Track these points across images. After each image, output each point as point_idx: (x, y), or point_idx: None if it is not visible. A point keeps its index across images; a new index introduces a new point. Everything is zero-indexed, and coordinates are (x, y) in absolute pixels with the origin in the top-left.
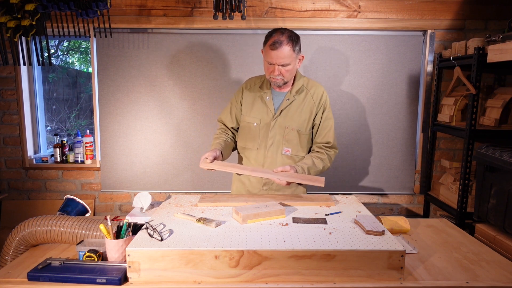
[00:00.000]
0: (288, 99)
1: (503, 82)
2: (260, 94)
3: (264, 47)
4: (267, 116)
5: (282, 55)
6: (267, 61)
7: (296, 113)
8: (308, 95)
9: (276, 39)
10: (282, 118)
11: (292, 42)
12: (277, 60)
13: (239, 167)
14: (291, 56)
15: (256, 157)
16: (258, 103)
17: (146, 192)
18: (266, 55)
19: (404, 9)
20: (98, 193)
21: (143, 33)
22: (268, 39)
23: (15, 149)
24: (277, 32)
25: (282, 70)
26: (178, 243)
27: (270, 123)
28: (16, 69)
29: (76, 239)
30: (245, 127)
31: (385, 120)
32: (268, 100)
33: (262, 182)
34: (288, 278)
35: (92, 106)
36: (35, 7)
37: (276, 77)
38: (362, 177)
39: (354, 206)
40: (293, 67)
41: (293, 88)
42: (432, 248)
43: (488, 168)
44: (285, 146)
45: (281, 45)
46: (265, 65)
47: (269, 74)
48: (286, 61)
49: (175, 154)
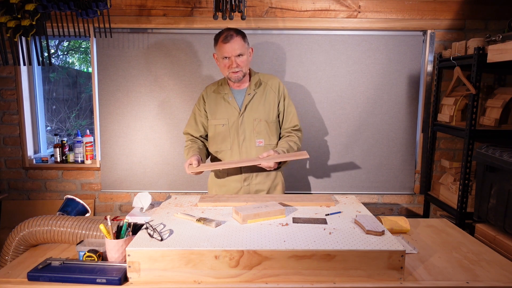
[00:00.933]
0: (249, 94)
1: (503, 82)
2: (221, 95)
3: (216, 46)
4: (233, 115)
5: (236, 46)
6: (222, 57)
7: (260, 104)
8: (267, 86)
9: (226, 34)
10: (248, 112)
11: (241, 34)
12: (233, 51)
13: (227, 163)
14: (243, 46)
15: (232, 156)
16: (221, 104)
17: (146, 192)
18: (221, 51)
19: (404, 9)
20: (98, 193)
21: (143, 33)
22: (218, 38)
23: (15, 149)
24: (224, 30)
25: (238, 61)
26: (178, 243)
27: (238, 120)
28: (16, 69)
29: (76, 239)
30: (214, 131)
31: (385, 120)
32: (231, 100)
33: (243, 179)
34: (288, 278)
35: (92, 106)
36: (35, 7)
37: (235, 70)
38: (362, 177)
39: (354, 206)
40: (247, 58)
41: (251, 83)
42: (432, 248)
43: (488, 168)
44: (257, 138)
45: (232, 37)
46: (221, 64)
47: (227, 69)
48: (241, 51)
49: (175, 154)
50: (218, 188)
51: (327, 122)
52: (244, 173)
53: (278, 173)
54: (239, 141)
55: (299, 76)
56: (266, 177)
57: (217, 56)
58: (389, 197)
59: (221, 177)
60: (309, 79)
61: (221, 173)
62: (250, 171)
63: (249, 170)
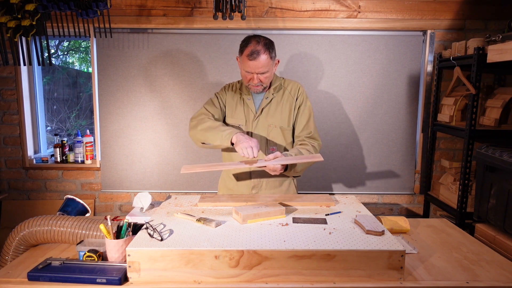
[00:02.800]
0: (267, 97)
1: (503, 82)
2: (241, 96)
3: (240, 55)
4: (249, 117)
5: (260, 65)
6: (244, 70)
7: (277, 110)
8: (286, 91)
9: (252, 48)
10: (263, 117)
11: (268, 50)
12: (256, 69)
13: (226, 165)
14: (269, 64)
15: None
16: (239, 104)
17: (146, 192)
18: (244, 65)
19: (404, 9)
20: (98, 193)
21: (143, 33)
22: (244, 49)
23: (15, 149)
24: (252, 41)
25: (261, 78)
26: (178, 243)
27: (253, 123)
28: (16, 69)
29: (76, 239)
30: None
31: (385, 120)
32: (249, 101)
33: (251, 186)
34: (288, 278)
35: (92, 106)
36: (35, 7)
37: (255, 85)
38: (362, 177)
39: (354, 206)
40: (271, 73)
41: (271, 87)
42: (432, 248)
43: (488, 168)
44: (270, 145)
45: (259, 55)
46: (242, 73)
47: (247, 82)
48: (265, 70)
49: (175, 154)
50: (226, 192)
51: (327, 122)
52: (253, 179)
53: (291, 184)
54: None
55: (299, 76)
56: (279, 186)
57: (239, 63)
58: (389, 197)
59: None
60: (309, 79)
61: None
62: (259, 177)
63: (258, 176)
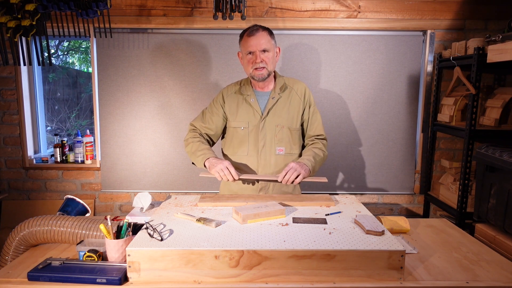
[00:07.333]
0: (273, 97)
1: (503, 82)
2: (243, 97)
3: (240, 42)
4: (254, 118)
5: (262, 40)
6: (246, 52)
7: (284, 110)
8: (293, 91)
9: (251, 28)
10: (270, 117)
11: (267, 30)
12: (258, 46)
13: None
14: (269, 42)
15: (248, 162)
16: (242, 106)
17: (146, 192)
18: (245, 45)
19: (404, 9)
20: (98, 193)
21: (143, 33)
22: (243, 33)
23: (15, 149)
24: (250, 26)
25: (263, 57)
26: (178, 243)
27: (259, 124)
28: (16, 69)
29: (76, 239)
30: (232, 134)
31: (385, 120)
32: (253, 102)
33: (258, 188)
34: (288, 278)
35: (92, 106)
36: (35, 7)
37: (259, 65)
38: (362, 177)
39: (354, 206)
40: (273, 56)
41: (276, 86)
42: (432, 248)
43: (488, 168)
44: (277, 146)
45: (258, 31)
46: (245, 61)
47: (251, 65)
48: (267, 46)
49: (175, 154)
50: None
51: (327, 122)
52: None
53: (296, 187)
54: (258, 147)
55: (299, 76)
56: (285, 187)
57: (241, 53)
58: (389, 197)
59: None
60: (309, 79)
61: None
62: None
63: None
